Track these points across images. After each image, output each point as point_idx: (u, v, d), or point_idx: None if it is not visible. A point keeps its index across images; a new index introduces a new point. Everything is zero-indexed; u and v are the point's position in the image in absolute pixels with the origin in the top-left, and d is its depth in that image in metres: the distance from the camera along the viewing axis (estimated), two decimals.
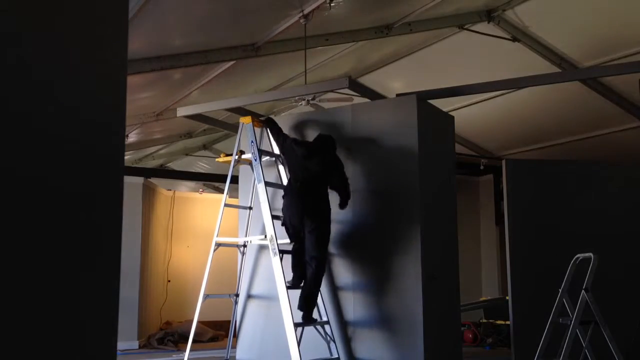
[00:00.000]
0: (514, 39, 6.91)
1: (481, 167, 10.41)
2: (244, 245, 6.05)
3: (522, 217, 6.76)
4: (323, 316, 5.43)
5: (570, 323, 4.95)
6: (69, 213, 1.51)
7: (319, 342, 5.35)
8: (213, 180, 11.93)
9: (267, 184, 5.56)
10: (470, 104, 8.41)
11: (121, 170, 1.68)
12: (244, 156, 5.87)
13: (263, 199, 5.46)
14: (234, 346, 6.04)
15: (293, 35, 6.42)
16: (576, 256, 5.30)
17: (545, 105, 8.44)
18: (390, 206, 5.43)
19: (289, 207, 5.27)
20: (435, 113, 5.85)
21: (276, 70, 7.61)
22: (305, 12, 5.92)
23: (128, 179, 8.20)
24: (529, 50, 7.05)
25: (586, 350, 5.03)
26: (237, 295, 6.03)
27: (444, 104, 6.58)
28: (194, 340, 5.89)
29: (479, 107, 8.50)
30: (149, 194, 9.38)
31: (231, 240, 6.22)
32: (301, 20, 6.01)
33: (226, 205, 5.91)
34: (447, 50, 7.33)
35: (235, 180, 6.25)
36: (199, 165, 12.16)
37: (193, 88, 7.61)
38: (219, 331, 9.65)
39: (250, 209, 6.07)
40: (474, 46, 7.24)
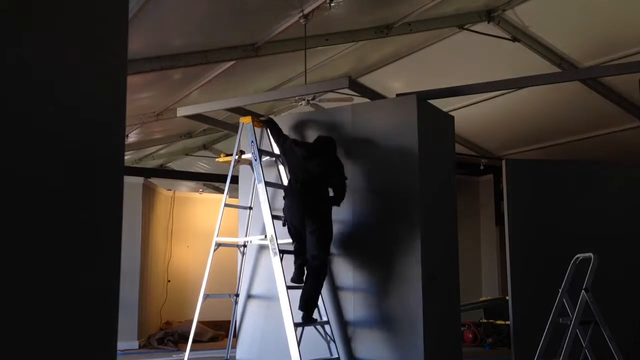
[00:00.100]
0: (514, 39, 6.91)
1: (481, 167, 10.40)
2: (244, 245, 6.05)
3: (522, 217, 6.76)
4: (323, 316, 5.42)
5: (570, 323, 4.95)
6: (69, 213, 1.51)
7: (319, 342, 5.35)
8: (213, 180, 11.93)
9: (267, 184, 5.55)
10: (470, 104, 8.40)
11: (121, 170, 1.68)
12: (244, 156, 5.87)
13: (263, 199, 5.46)
14: (234, 346, 6.04)
15: (293, 35, 6.42)
16: (576, 256, 5.30)
17: (545, 105, 8.44)
18: (390, 206, 5.43)
19: (289, 208, 5.27)
20: (435, 113, 5.85)
21: (276, 70, 7.61)
22: (305, 12, 5.92)
23: (128, 179, 8.21)
24: (529, 50, 7.05)
25: (586, 350, 5.03)
26: (237, 295, 6.03)
27: (444, 104, 6.58)
28: (194, 340, 5.89)
29: (479, 107, 8.50)
30: (149, 194, 9.38)
31: (231, 240, 6.22)
32: (301, 20, 6.01)
33: (226, 205, 5.91)
34: (447, 50, 7.33)
35: (235, 180, 6.24)
36: (199, 165, 12.16)
37: (193, 88, 7.61)
38: (219, 331, 9.65)
39: (250, 209, 6.07)
40: (474, 46, 7.24)
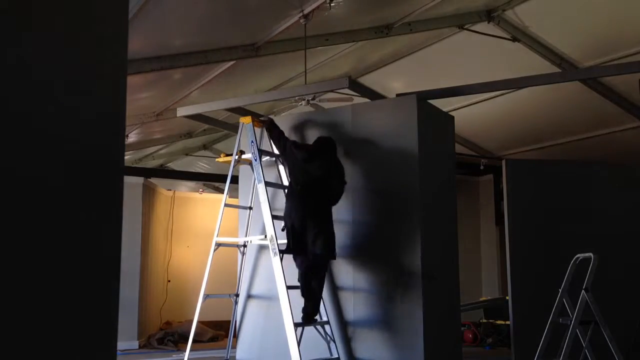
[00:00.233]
0: (514, 39, 6.90)
1: (481, 167, 10.40)
2: (244, 245, 6.05)
3: (522, 217, 6.76)
4: (323, 316, 5.42)
5: (570, 323, 4.95)
6: (69, 213, 1.51)
7: (319, 342, 5.35)
8: (213, 180, 11.93)
9: (267, 184, 5.55)
10: (470, 104, 8.40)
11: (121, 170, 1.68)
12: (244, 156, 5.87)
13: (263, 199, 5.46)
14: (234, 346, 6.04)
15: (293, 35, 6.42)
16: (576, 256, 5.30)
17: (546, 105, 8.43)
18: (390, 206, 5.43)
19: (291, 211, 5.26)
20: (435, 113, 5.85)
21: (276, 70, 7.60)
22: (305, 12, 5.91)
23: (128, 179, 8.21)
24: (529, 50, 7.04)
25: (586, 350, 5.03)
26: (237, 295, 6.03)
27: (444, 104, 6.58)
28: (194, 340, 5.89)
29: (479, 107, 8.50)
30: (149, 194, 9.38)
31: (231, 240, 6.22)
32: (301, 20, 6.01)
33: (226, 205, 5.90)
34: (447, 50, 7.32)
35: (235, 180, 6.24)
36: (199, 165, 12.15)
37: (193, 88, 7.61)
38: (219, 331, 9.64)
39: (250, 209, 6.06)
40: (474, 46, 7.23)
